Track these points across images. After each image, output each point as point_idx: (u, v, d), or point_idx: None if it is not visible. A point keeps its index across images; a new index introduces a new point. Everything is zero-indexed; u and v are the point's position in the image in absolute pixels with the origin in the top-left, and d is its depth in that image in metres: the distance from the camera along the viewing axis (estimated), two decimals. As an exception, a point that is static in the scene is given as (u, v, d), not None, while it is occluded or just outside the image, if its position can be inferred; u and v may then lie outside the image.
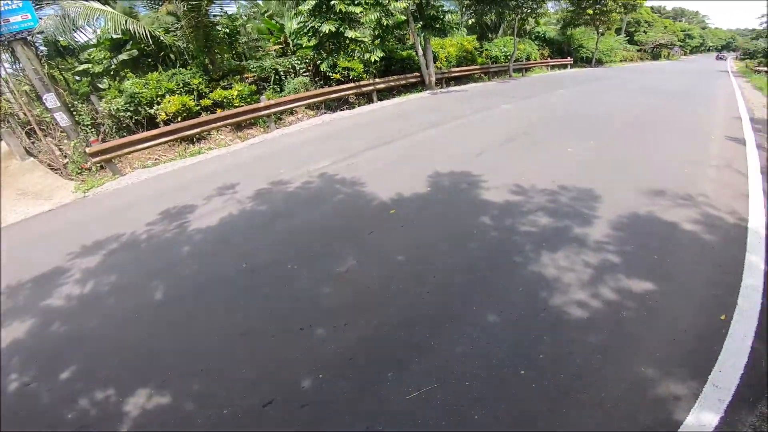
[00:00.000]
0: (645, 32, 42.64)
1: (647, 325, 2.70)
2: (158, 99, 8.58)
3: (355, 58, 12.03)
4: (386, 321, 2.78)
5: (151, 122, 8.58)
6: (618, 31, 36.02)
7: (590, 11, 24.48)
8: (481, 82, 16.28)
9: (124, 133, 8.11)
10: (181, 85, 9.03)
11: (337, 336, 2.68)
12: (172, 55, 11.37)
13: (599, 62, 27.97)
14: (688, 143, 7.06)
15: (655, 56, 43.56)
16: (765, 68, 25.73)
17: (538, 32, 24.27)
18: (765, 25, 28.62)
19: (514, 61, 18.99)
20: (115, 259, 4.02)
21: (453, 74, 15.25)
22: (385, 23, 11.74)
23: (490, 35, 21.40)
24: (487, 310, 2.82)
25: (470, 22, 21.28)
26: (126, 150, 7.13)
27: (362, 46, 11.79)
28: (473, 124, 8.44)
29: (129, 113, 8.25)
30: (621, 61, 32.00)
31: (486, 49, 18.70)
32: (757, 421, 2.14)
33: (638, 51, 39.47)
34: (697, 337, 2.60)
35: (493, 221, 4.08)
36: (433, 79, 13.72)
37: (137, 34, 9.85)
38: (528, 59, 21.24)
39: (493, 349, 2.50)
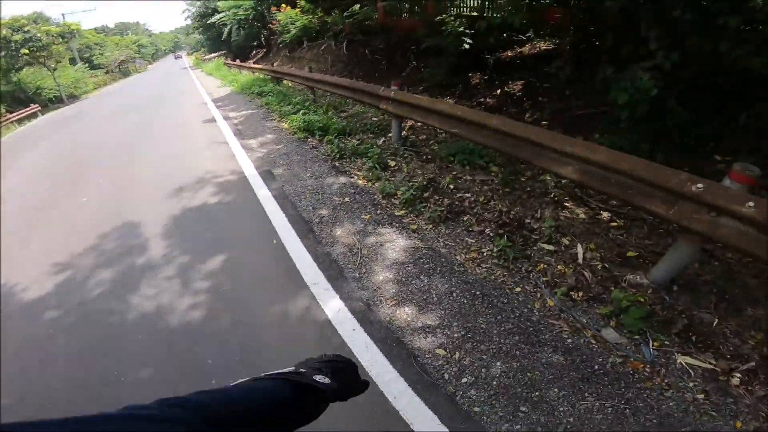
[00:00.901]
0: (102, 54, 42.28)
1: (244, 283, 3.19)
2: None
3: None
4: None
5: None
6: (73, 60, 33.61)
7: (25, 50, 21.01)
8: None
9: None
10: None
11: None
12: None
13: (73, 97, 25.75)
14: (180, 138, 8.25)
15: (125, 73, 45.07)
16: (210, 55, 31.82)
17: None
18: (189, 20, 31.72)
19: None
20: None
21: None
22: None
23: None
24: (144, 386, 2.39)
25: None
26: None
27: None
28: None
29: None
30: (95, 88, 30.94)
31: None
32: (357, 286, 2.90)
33: (106, 73, 39.23)
34: (277, 263, 3.34)
35: (60, 312, 3.26)
36: None
37: None
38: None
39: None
